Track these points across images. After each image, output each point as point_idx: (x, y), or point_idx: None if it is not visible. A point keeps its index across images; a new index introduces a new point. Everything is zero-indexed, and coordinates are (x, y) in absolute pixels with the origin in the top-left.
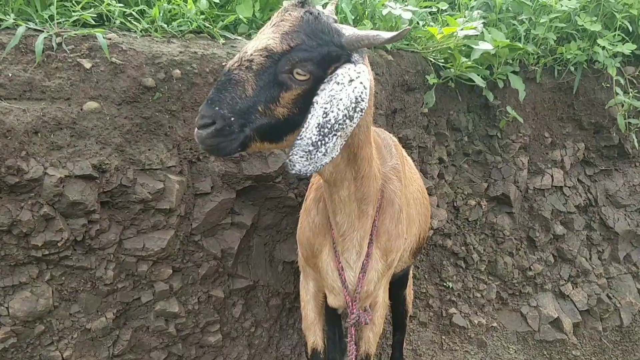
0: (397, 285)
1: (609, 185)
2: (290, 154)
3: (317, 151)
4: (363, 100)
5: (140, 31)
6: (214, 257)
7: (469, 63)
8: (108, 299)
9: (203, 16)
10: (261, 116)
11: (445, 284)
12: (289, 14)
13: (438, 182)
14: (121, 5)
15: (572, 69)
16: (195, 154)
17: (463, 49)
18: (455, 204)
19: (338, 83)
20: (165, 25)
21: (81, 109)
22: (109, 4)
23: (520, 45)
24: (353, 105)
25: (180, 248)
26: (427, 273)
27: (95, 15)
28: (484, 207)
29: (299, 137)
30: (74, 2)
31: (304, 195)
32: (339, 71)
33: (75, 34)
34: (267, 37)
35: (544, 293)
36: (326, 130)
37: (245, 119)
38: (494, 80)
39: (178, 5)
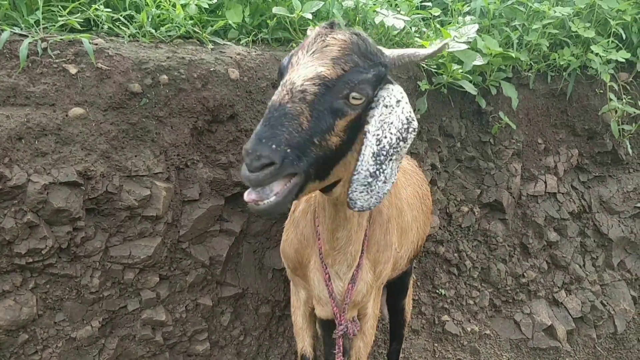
0: (396, 293)
1: (603, 191)
2: (349, 192)
3: (376, 181)
4: (414, 120)
5: (128, 36)
6: (202, 264)
7: (461, 70)
8: (94, 307)
9: (192, 21)
10: (317, 149)
11: (437, 291)
12: (333, 37)
13: (430, 188)
14: (109, 10)
15: (566, 75)
16: (182, 160)
17: (455, 57)
18: (447, 211)
19: (386, 106)
20: (154, 31)
21: (66, 115)
22: (96, 9)
23: (513, 54)
24: (405, 126)
25: (167, 256)
26: (420, 280)
27: (83, 21)
28: (476, 213)
29: (355, 172)
30: (60, 7)
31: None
32: (382, 93)
33: (61, 39)
34: (315, 65)
35: (537, 300)
36: (382, 157)
37: (303, 154)
38: (487, 87)
39: (167, 10)
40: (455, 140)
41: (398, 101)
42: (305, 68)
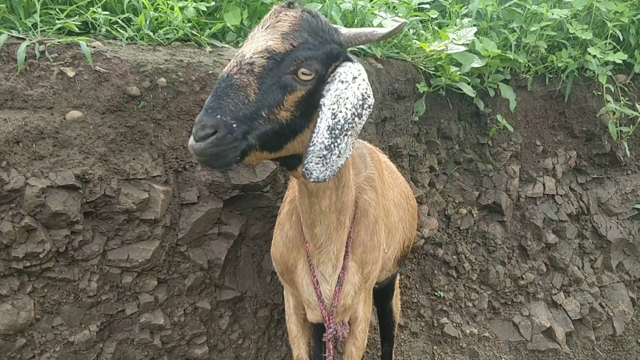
0: (382, 295)
1: (601, 193)
2: (305, 162)
3: (331, 154)
4: (369, 97)
5: (126, 39)
6: (200, 268)
7: (459, 73)
8: (92, 311)
9: (190, 24)
10: (265, 122)
11: (436, 293)
12: (285, 14)
13: (429, 190)
14: (107, 13)
15: (564, 77)
16: (181, 163)
17: (453, 59)
18: (446, 213)
19: (342, 82)
20: (152, 34)
21: (64, 118)
22: (94, 12)
23: (511, 56)
24: (360, 102)
25: (165, 259)
26: (419, 282)
27: (80, 24)
28: (475, 215)
29: (310, 144)
30: (58, 10)
31: None
32: (340, 69)
33: (58, 42)
34: (266, 39)
35: (536, 302)
36: (337, 131)
37: (249, 126)
38: (485, 89)
39: (165, 13)
40: (453, 142)
41: (354, 77)
42: (257, 42)
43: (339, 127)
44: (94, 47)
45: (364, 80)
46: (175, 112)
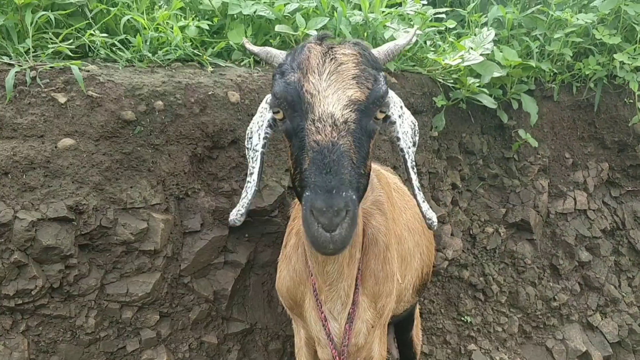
0: (402, 327)
1: (637, 206)
2: (425, 212)
3: (420, 192)
4: (415, 124)
5: (125, 61)
6: (205, 299)
7: (478, 84)
8: (90, 349)
9: (191, 44)
10: (363, 178)
11: (463, 318)
12: (342, 54)
13: (452, 209)
14: (105, 35)
15: (592, 85)
16: (182, 190)
17: (473, 70)
18: (471, 232)
19: (400, 116)
20: (151, 55)
21: (56, 147)
22: (92, 34)
23: (533, 64)
24: (414, 130)
25: (168, 291)
26: (443, 307)
27: (77, 47)
28: (502, 234)
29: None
30: (52, 34)
31: None
32: (389, 100)
33: (51, 67)
34: (343, 89)
35: (570, 325)
36: (415, 169)
37: (357, 189)
38: (508, 101)
39: (165, 33)
40: (477, 157)
41: (401, 107)
42: (334, 94)
43: (413, 164)
44: (88, 71)
45: (403, 107)
46: (174, 136)
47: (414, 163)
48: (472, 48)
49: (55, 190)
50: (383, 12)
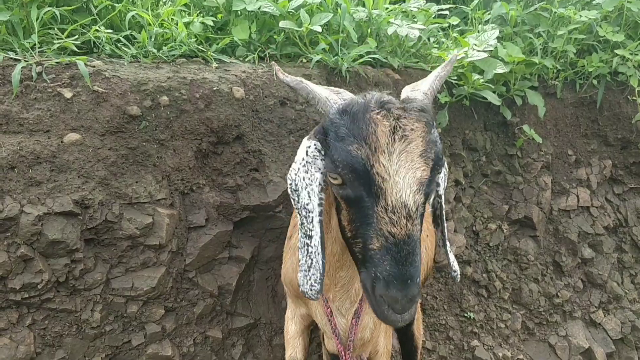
0: None
1: None
2: (452, 263)
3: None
4: (446, 164)
5: (130, 57)
6: (210, 294)
7: (482, 80)
8: (95, 343)
9: (195, 40)
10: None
11: (466, 314)
12: (410, 129)
13: (455, 205)
14: (110, 31)
15: (595, 82)
16: (187, 185)
17: (476, 66)
18: (474, 229)
19: (445, 168)
20: (156, 51)
21: (61, 142)
22: (97, 30)
23: (537, 60)
24: (446, 171)
25: (172, 286)
26: (446, 303)
27: (82, 43)
28: (505, 231)
29: (444, 244)
30: (58, 29)
31: None
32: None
33: (56, 62)
34: (411, 169)
35: (573, 321)
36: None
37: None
38: (512, 97)
39: (169, 29)
40: (480, 154)
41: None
42: (404, 179)
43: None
44: (94, 67)
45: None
46: (180, 131)
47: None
48: (475, 44)
49: (61, 184)
50: (387, 8)
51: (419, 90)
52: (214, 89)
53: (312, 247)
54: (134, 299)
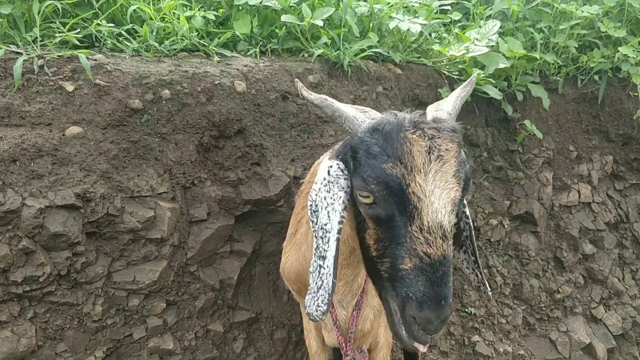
0: None
1: None
2: (483, 281)
3: None
4: None
5: (132, 51)
6: (211, 288)
7: (484, 75)
8: (97, 336)
9: (197, 34)
10: None
11: (467, 309)
12: (446, 149)
13: None
14: (111, 25)
15: (596, 78)
16: (188, 179)
17: (478, 61)
18: (475, 224)
19: None
20: (157, 45)
21: (63, 135)
22: (98, 24)
23: (538, 55)
24: None
25: (174, 280)
26: None
27: (84, 37)
28: (506, 226)
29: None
30: (60, 23)
31: None
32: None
33: (58, 55)
34: (445, 191)
35: (574, 317)
36: None
37: None
38: (513, 92)
39: (171, 23)
40: (481, 149)
41: None
42: (439, 199)
43: None
44: (95, 60)
45: None
46: (181, 125)
47: None
48: (477, 39)
49: (62, 177)
50: (388, 3)
51: (443, 111)
52: (216, 82)
53: (324, 269)
54: (135, 293)
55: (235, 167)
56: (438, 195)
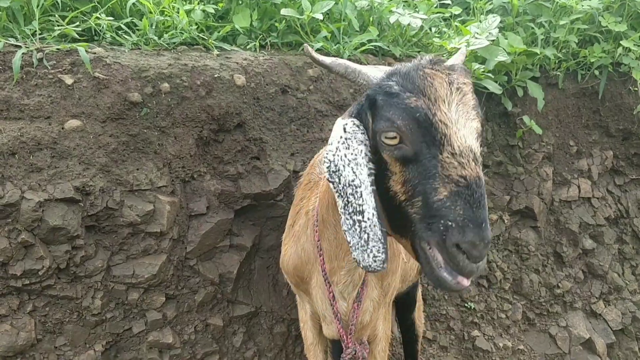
0: (403, 307)
1: None
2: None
3: None
4: None
5: (131, 44)
6: (211, 282)
7: (484, 70)
8: (96, 330)
9: (196, 27)
10: None
11: (466, 304)
12: (463, 83)
13: None
14: (110, 18)
15: (597, 72)
16: (188, 173)
17: (478, 56)
18: None
19: None
20: (157, 38)
21: (62, 128)
22: (98, 18)
23: (538, 51)
24: None
25: (173, 274)
26: (447, 293)
27: (83, 30)
28: (506, 221)
29: None
30: (59, 16)
31: None
32: None
33: (57, 49)
34: (469, 120)
35: (573, 312)
36: None
37: None
38: (513, 88)
39: (170, 16)
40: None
41: None
42: (465, 127)
43: None
44: (94, 53)
45: None
46: (181, 118)
47: None
48: (477, 33)
49: (62, 171)
50: None
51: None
52: (215, 76)
53: (365, 222)
54: (134, 287)
55: (234, 161)
56: (463, 123)
